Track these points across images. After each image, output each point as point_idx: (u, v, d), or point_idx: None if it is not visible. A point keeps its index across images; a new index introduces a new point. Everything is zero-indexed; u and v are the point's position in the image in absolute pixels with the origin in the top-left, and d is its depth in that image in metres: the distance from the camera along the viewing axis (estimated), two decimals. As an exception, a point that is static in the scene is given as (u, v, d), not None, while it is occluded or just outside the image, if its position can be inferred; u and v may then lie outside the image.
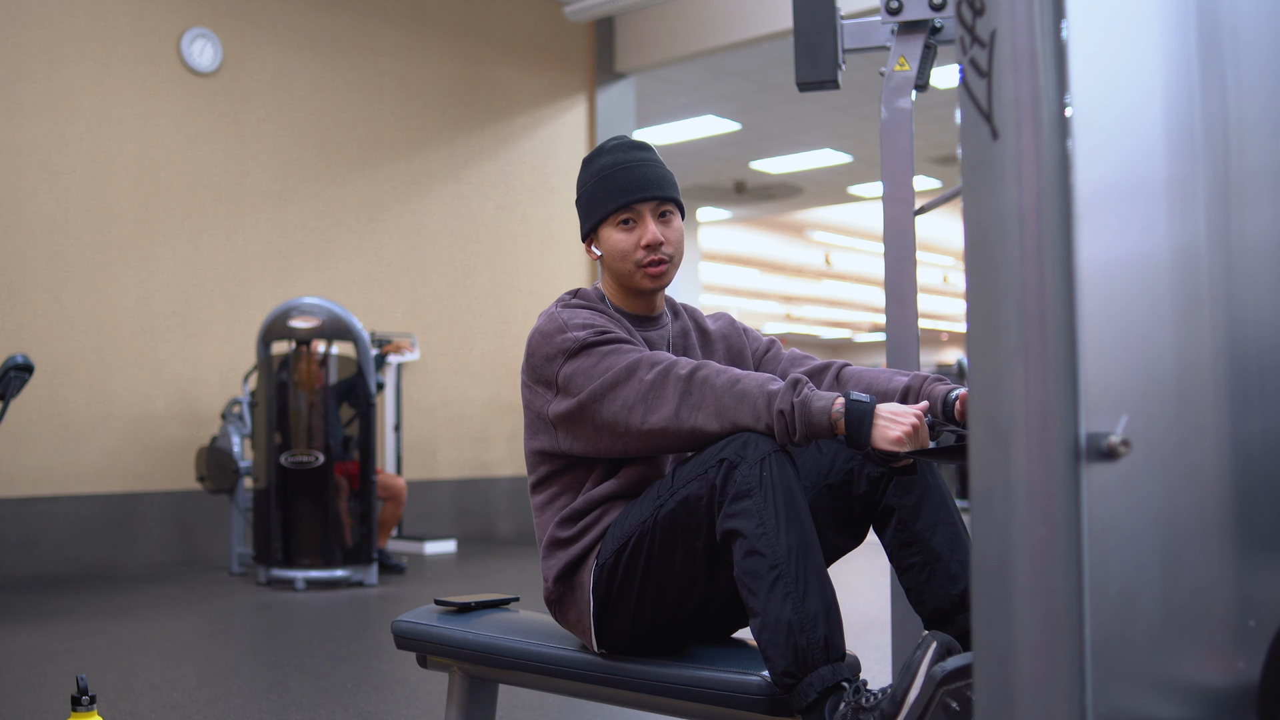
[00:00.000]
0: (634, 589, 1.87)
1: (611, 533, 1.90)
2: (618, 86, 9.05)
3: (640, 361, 1.84)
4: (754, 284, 22.54)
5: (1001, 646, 1.02)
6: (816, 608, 1.69)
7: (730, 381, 1.78)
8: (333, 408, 5.82)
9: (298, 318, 5.78)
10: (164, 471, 6.59)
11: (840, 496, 1.93)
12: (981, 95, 1.03)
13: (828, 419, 1.73)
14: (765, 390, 1.75)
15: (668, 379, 1.81)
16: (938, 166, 12.69)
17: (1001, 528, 1.01)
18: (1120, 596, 1.04)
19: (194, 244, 6.77)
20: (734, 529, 1.72)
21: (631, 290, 2.04)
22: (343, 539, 5.71)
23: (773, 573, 1.68)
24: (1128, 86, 1.09)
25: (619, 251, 2.00)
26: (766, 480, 1.71)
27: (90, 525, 6.29)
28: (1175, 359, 1.11)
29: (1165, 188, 1.11)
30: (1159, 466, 1.08)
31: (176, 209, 6.71)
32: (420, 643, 2.19)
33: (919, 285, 2.62)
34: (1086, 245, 1.01)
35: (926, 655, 1.62)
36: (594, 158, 2.06)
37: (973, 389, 1.04)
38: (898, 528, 1.90)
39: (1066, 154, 1.00)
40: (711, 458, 1.76)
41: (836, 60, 2.64)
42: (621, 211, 1.99)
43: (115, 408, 6.43)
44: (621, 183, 1.99)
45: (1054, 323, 1.00)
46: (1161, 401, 1.09)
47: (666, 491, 1.82)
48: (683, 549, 1.82)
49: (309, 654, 4.05)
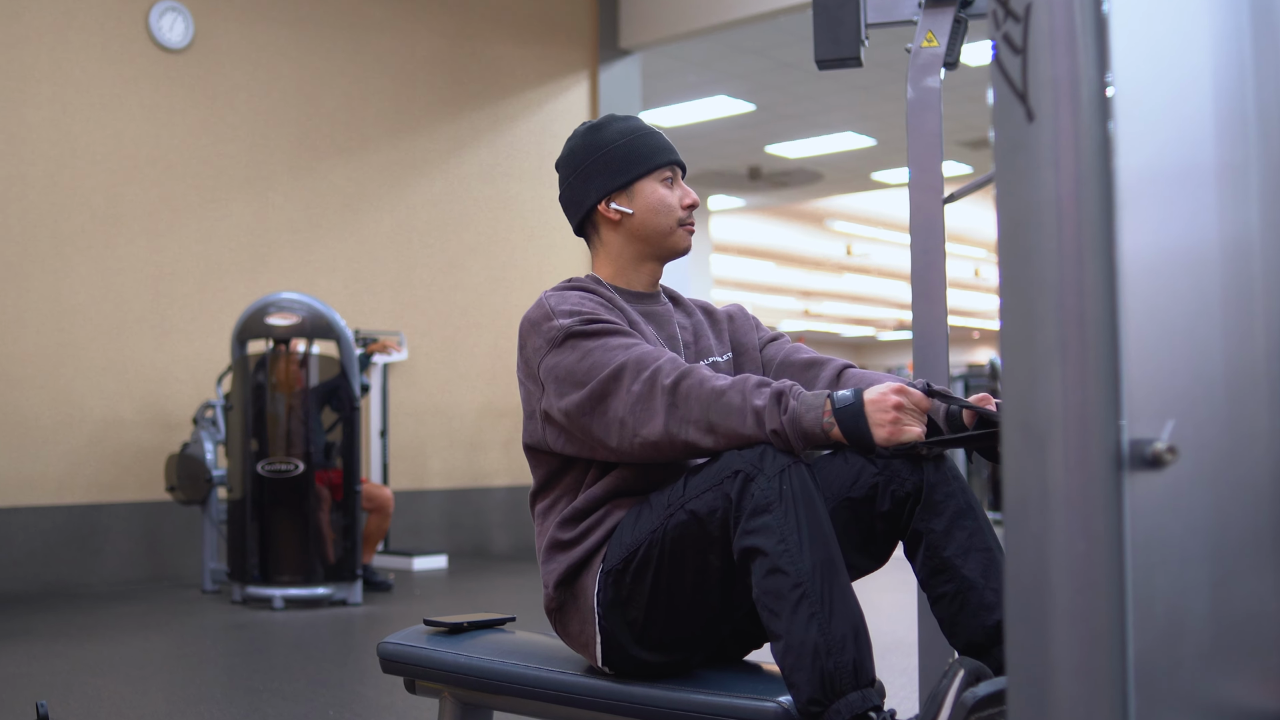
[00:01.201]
0: (642, 601, 1.87)
1: (618, 538, 1.91)
2: (622, 64, 9.06)
3: (625, 367, 1.87)
4: (769, 278, 22.53)
5: (1037, 671, 1.02)
6: (844, 629, 1.69)
7: (715, 394, 1.80)
8: (314, 412, 5.83)
9: (276, 314, 5.79)
10: (131, 481, 6.60)
11: (862, 513, 1.92)
12: (1016, 73, 1.03)
13: (821, 430, 1.76)
14: (752, 406, 1.78)
15: (655, 390, 1.83)
16: (969, 151, 12.68)
17: (1037, 542, 1.01)
18: (1165, 617, 1.04)
19: (163, 234, 6.78)
20: (754, 546, 1.72)
21: (660, 253, 2.14)
22: (324, 554, 5.72)
23: (796, 591, 1.68)
24: (1174, 63, 1.09)
25: (665, 205, 2.10)
26: (787, 494, 1.72)
27: (51, 539, 6.31)
28: (1225, 359, 1.11)
29: (1215, 173, 1.11)
30: (1208, 475, 1.08)
31: (144, 197, 6.72)
32: (408, 666, 2.20)
33: (948, 279, 2.62)
34: (1129, 236, 1.01)
35: (954, 682, 1.62)
36: (604, 124, 2.14)
37: (1006, 391, 1.04)
38: (928, 554, 1.89)
39: (1108, 137, 1.00)
40: (726, 468, 1.77)
41: (859, 36, 2.64)
42: (666, 169, 2.10)
43: (78, 412, 6.45)
44: (662, 144, 2.12)
45: (1094, 320, 1.00)
46: (1211, 405, 1.09)
47: (677, 500, 1.83)
48: (694, 562, 1.83)
49: (288, 679, 4.06)
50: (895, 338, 32.67)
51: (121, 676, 4.15)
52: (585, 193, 2.12)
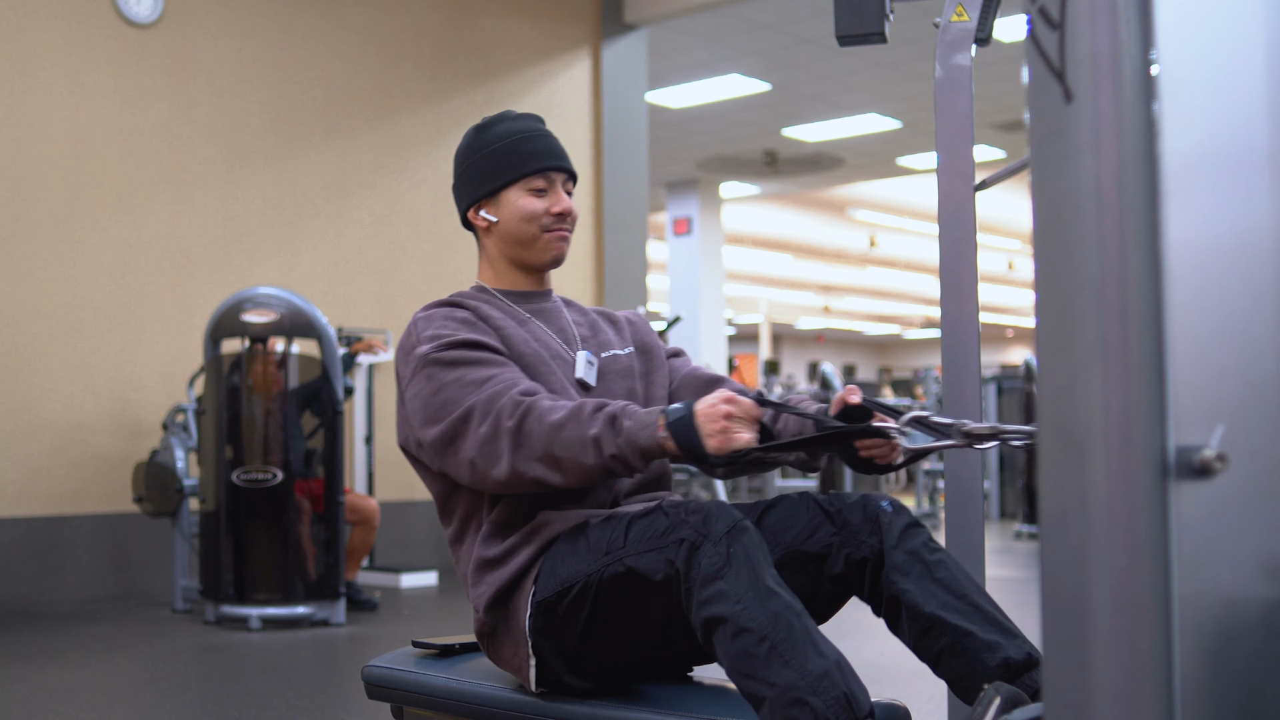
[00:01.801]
0: (575, 633, 1.97)
1: (550, 568, 1.99)
2: (627, 40, 9.06)
3: (473, 409, 1.99)
4: (787, 271, 22.55)
5: (1077, 696, 1.02)
6: (822, 665, 1.73)
7: (554, 428, 1.93)
8: (293, 416, 5.83)
9: (252, 311, 5.80)
10: (95, 491, 6.61)
11: (811, 569, 2.02)
12: (1053, 50, 1.03)
13: (658, 445, 1.89)
14: (588, 437, 1.91)
15: (499, 431, 1.96)
16: (1001, 134, 12.67)
17: (1077, 557, 1.01)
18: (1215, 637, 1.04)
19: (130, 224, 6.79)
20: (715, 615, 1.78)
21: (527, 263, 2.25)
22: (305, 570, 5.73)
23: (764, 645, 1.74)
24: (1224, 39, 1.09)
25: (528, 213, 2.20)
26: (736, 556, 1.79)
27: (8, 554, 6.32)
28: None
29: (1268, 158, 1.11)
30: (1261, 485, 1.08)
31: (110, 183, 6.74)
32: (395, 691, 2.20)
33: (980, 273, 2.62)
34: (1175, 226, 1.01)
35: (990, 710, 1.64)
36: (490, 124, 2.26)
37: (1043, 394, 1.04)
38: (911, 616, 1.94)
39: (1152, 119, 1.00)
40: (669, 534, 1.86)
41: (883, 9, 2.64)
42: (536, 177, 2.21)
43: (38, 416, 6.46)
44: (538, 148, 2.22)
45: (1138, 317, 1.00)
46: (1263, 409, 1.09)
47: (617, 550, 1.91)
48: (632, 609, 1.92)
49: (265, 705, 4.07)
50: (922, 336, 32.66)
51: (86, 703, 4.16)
52: (460, 196, 2.28)
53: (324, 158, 7.60)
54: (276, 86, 7.41)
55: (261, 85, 7.34)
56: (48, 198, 6.54)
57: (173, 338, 6.90)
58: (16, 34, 6.46)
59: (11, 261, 6.41)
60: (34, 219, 6.49)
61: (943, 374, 2.60)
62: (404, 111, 7.98)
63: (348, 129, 7.72)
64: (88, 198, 6.67)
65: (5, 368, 6.38)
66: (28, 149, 6.48)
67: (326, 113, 7.62)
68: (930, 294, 24.31)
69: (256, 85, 7.32)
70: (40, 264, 6.50)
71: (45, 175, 6.54)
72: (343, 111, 7.70)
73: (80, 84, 6.67)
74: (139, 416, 6.78)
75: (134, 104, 6.84)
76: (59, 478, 6.52)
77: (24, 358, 6.44)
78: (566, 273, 8.60)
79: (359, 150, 7.76)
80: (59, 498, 6.52)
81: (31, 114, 6.50)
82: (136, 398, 6.79)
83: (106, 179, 6.73)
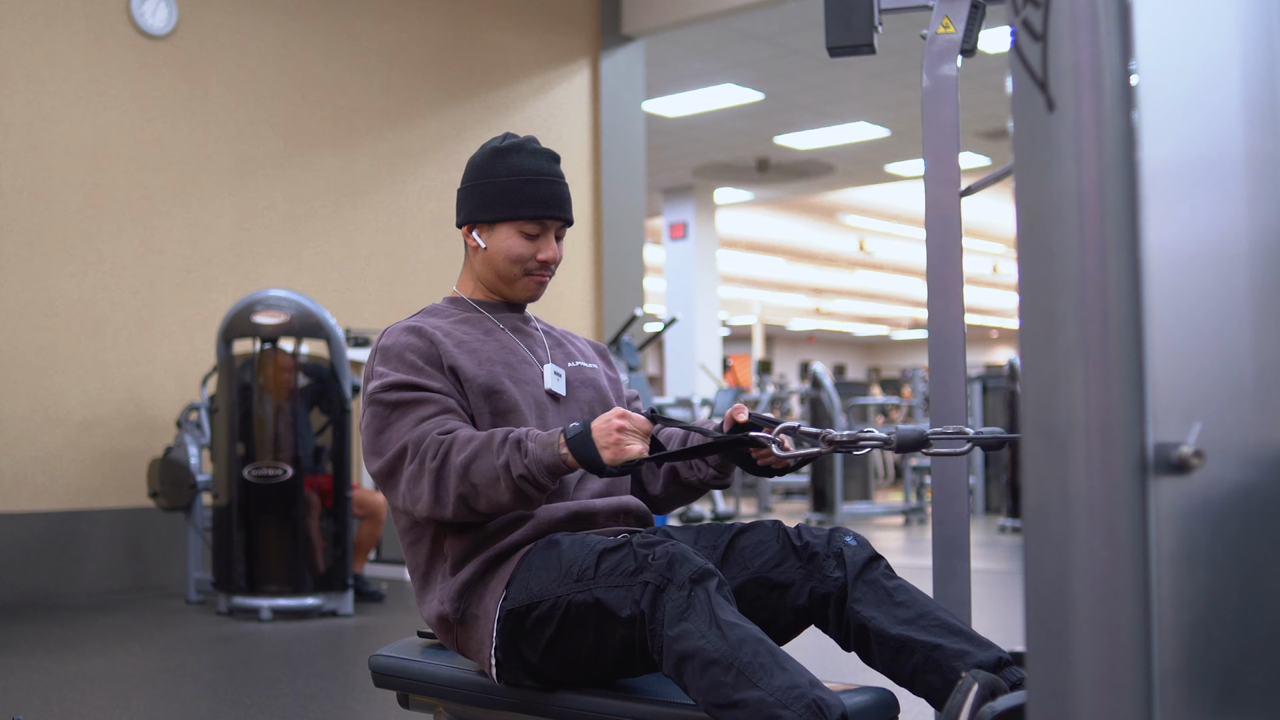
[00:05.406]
0: (539, 646, 1.98)
1: (523, 579, 2.01)
2: (624, 51, 9.06)
3: (405, 448, 2.05)
4: (779, 274, 22.55)
5: (1058, 685, 1.02)
6: (789, 680, 1.73)
7: (467, 461, 1.99)
8: (303, 414, 5.83)
9: (263, 313, 5.79)
10: (112, 486, 6.61)
11: (774, 596, 2.05)
12: (1036, 61, 1.03)
13: (560, 460, 1.96)
14: (497, 465, 1.97)
15: (423, 470, 2.03)
16: (987, 141, 12.68)
17: (1058, 550, 1.01)
18: (1193, 628, 1.04)
19: (146, 229, 6.79)
20: (683, 652, 1.79)
21: (503, 292, 2.30)
22: (314, 562, 5.72)
23: (731, 672, 1.74)
24: (1201, 50, 1.09)
25: (514, 256, 2.23)
26: (698, 598, 1.81)
27: (27, 547, 6.31)
28: (1255, 358, 1.11)
29: (1244, 165, 1.11)
30: (1237, 481, 1.08)
31: (126, 190, 6.73)
32: (401, 680, 2.20)
33: (965, 276, 2.62)
34: (1154, 230, 1.01)
35: (969, 698, 1.63)
36: (508, 152, 2.26)
37: (1026, 393, 1.04)
38: (880, 642, 1.96)
39: (1131, 127, 1.00)
40: (637, 575, 1.87)
41: (872, 21, 2.64)
42: (532, 223, 2.22)
43: (56, 414, 6.46)
44: (542, 195, 2.23)
45: (1118, 318, 1.00)
46: (1239, 406, 1.09)
47: (588, 578, 1.93)
48: (596, 634, 1.94)
49: (275, 693, 4.06)
50: (910, 337, 32.67)
51: (102, 691, 4.15)
52: (460, 208, 2.30)
53: (333, 164, 7.59)
54: (287, 97, 7.40)
55: (273, 96, 7.33)
56: (68, 204, 6.53)
57: (187, 338, 6.89)
58: (33, 46, 6.45)
59: (34, 265, 6.40)
60: (55, 224, 6.48)
61: (929, 373, 2.60)
62: (410, 121, 7.97)
63: (356, 137, 7.71)
64: (106, 204, 6.66)
65: (27, 367, 6.37)
66: (48, 157, 6.47)
67: (336, 122, 7.62)
68: (918, 296, 24.29)
69: (268, 96, 7.31)
70: (61, 268, 6.49)
71: (65, 182, 6.53)
72: (351, 120, 7.69)
73: (97, 94, 6.66)
74: (154, 414, 6.77)
75: (149, 113, 6.83)
76: (77, 473, 6.51)
77: (45, 357, 6.43)
78: (566, 276, 8.60)
79: (367, 157, 7.75)
80: (77, 492, 6.51)
81: (51, 123, 6.49)
82: (152, 396, 6.78)
83: (123, 186, 6.72)
